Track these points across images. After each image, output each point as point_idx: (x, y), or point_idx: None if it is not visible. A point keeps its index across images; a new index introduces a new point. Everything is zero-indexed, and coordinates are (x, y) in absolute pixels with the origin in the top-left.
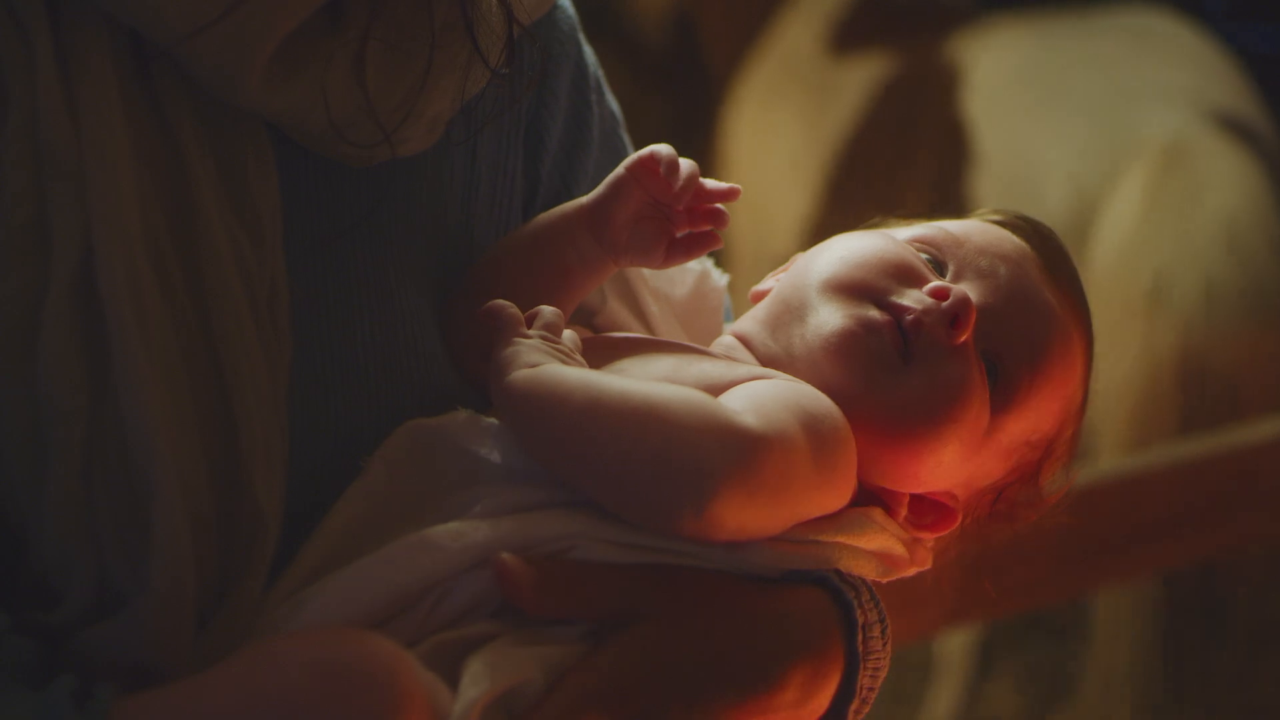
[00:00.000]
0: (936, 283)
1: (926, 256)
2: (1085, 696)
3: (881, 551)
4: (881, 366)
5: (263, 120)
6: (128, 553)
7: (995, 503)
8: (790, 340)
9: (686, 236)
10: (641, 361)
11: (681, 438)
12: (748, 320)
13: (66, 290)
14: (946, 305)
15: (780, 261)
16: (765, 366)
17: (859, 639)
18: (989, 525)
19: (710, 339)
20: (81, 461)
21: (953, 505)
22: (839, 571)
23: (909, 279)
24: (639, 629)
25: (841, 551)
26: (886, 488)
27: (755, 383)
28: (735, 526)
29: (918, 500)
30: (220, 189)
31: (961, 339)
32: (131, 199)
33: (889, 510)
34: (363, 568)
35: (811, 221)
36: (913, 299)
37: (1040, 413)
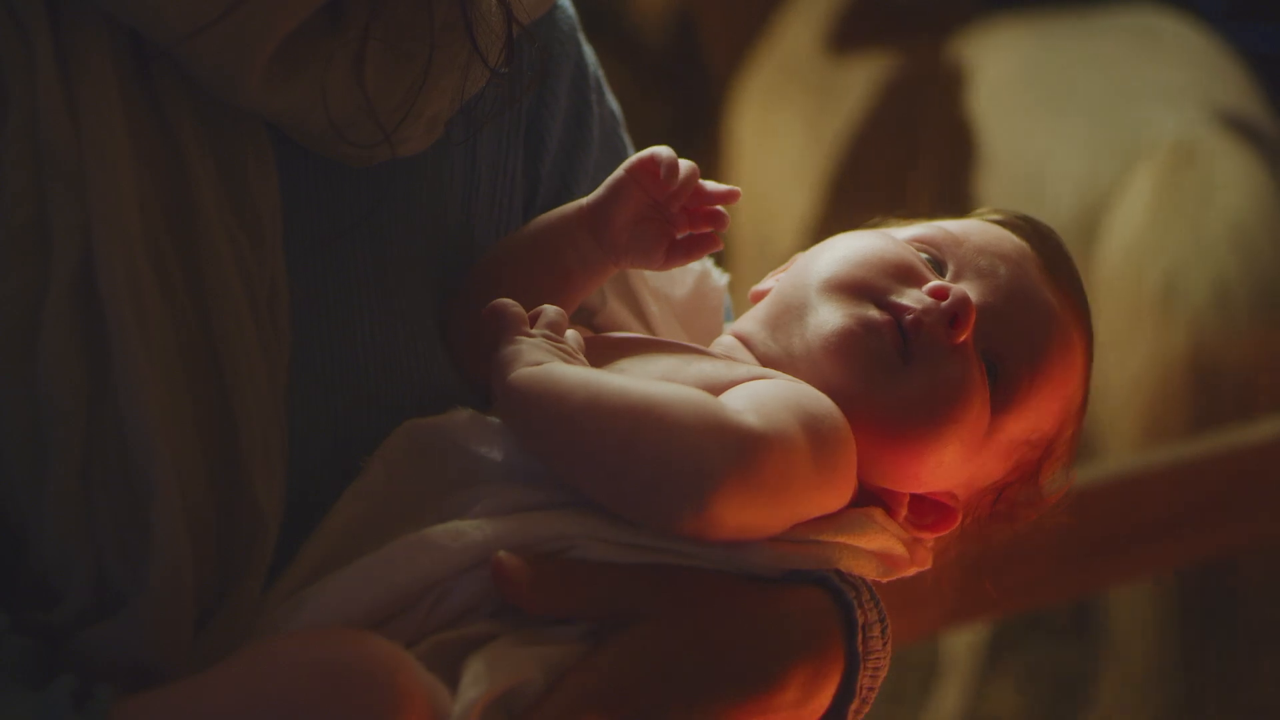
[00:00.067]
0: (936, 282)
1: (926, 256)
2: (1102, 699)
3: (882, 551)
4: (881, 366)
5: (263, 120)
6: (127, 552)
7: (995, 502)
8: (790, 340)
9: (687, 238)
10: (641, 361)
11: (681, 436)
12: (747, 320)
13: (66, 290)
14: (946, 305)
15: (783, 262)
16: (765, 366)
17: (859, 639)
18: (989, 525)
19: (710, 339)
20: (81, 461)
21: (953, 505)
22: (839, 571)
23: (909, 278)
24: (639, 629)
25: (842, 551)
26: (887, 488)
27: (755, 382)
28: (735, 525)
29: (918, 500)
30: (220, 189)
31: (961, 338)
32: (131, 199)
33: (889, 510)
34: (362, 567)
35: (814, 222)
36: (912, 298)
37: (1040, 412)
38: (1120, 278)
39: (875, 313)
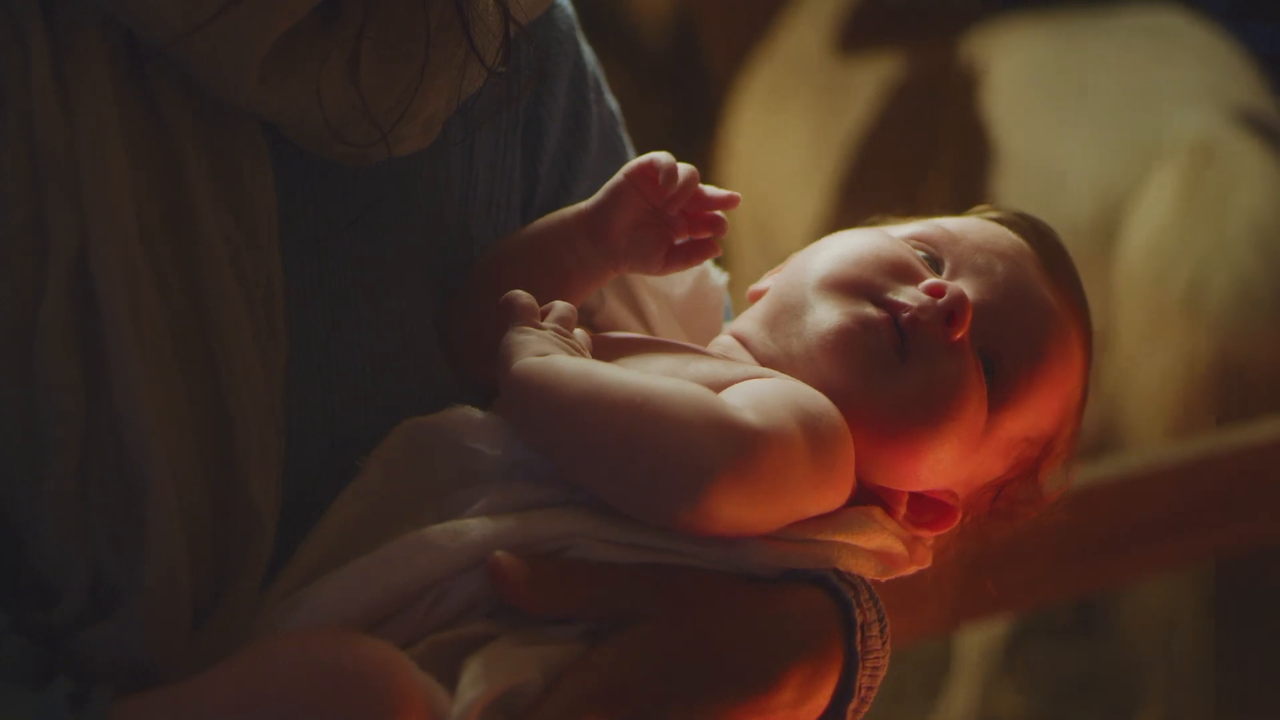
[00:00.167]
0: (932, 280)
1: (923, 254)
2: (1149, 702)
3: (881, 550)
4: (879, 364)
5: (259, 120)
6: (123, 551)
7: (995, 500)
8: (788, 339)
9: (686, 243)
10: (640, 361)
11: (680, 431)
12: (745, 320)
13: (63, 290)
14: (942, 302)
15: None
16: (763, 366)
17: (858, 638)
18: (989, 523)
19: (710, 338)
20: (78, 460)
21: (952, 503)
22: (838, 571)
23: (905, 276)
24: (638, 629)
25: (840, 550)
26: (886, 486)
27: (753, 381)
28: (731, 521)
29: (917, 498)
30: (216, 189)
31: (958, 336)
32: (127, 199)
33: (888, 509)
34: (360, 567)
35: (825, 223)
36: (909, 296)
37: (1039, 410)
38: (1143, 279)
39: (872, 310)
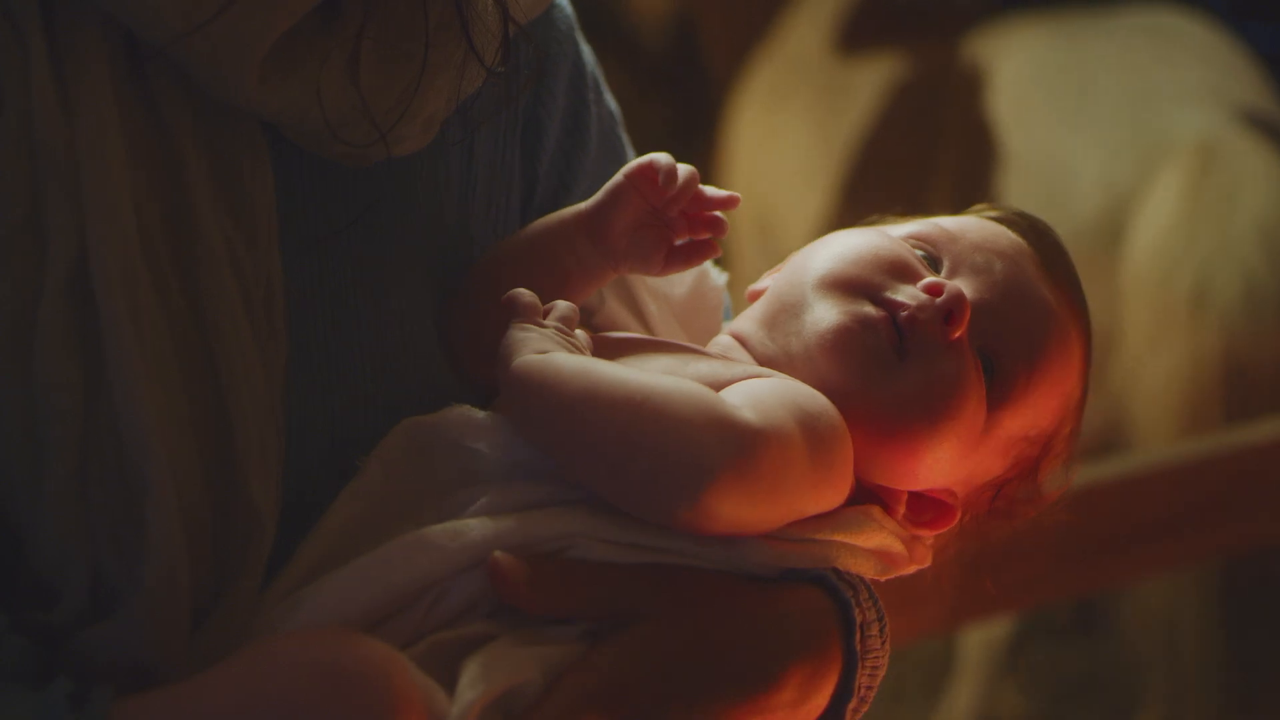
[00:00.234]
0: (931, 278)
1: (921, 253)
2: (1149, 702)
3: (880, 549)
4: (877, 362)
5: (259, 120)
6: (123, 551)
7: (994, 500)
8: (787, 338)
9: (686, 244)
10: (639, 361)
11: (679, 429)
12: (744, 320)
13: (62, 290)
14: (941, 301)
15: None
16: (763, 365)
17: (857, 638)
18: (988, 522)
19: (709, 339)
20: (77, 460)
21: (951, 502)
22: (837, 570)
23: (904, 275)
24: (638, 629)
25: (840, 550)
26: (885, 485)
27: (751, 380)
28: (730, 520)
29: (916, 498)
30: (215, 188)
31: (956, 335)
32: (126, 198)
33: (887, 508)
34: (359, 567)
35: (827, 223)
36: (907, 295)
37: (1038, 409)
38: (1149, 279)
39: (871, 309)
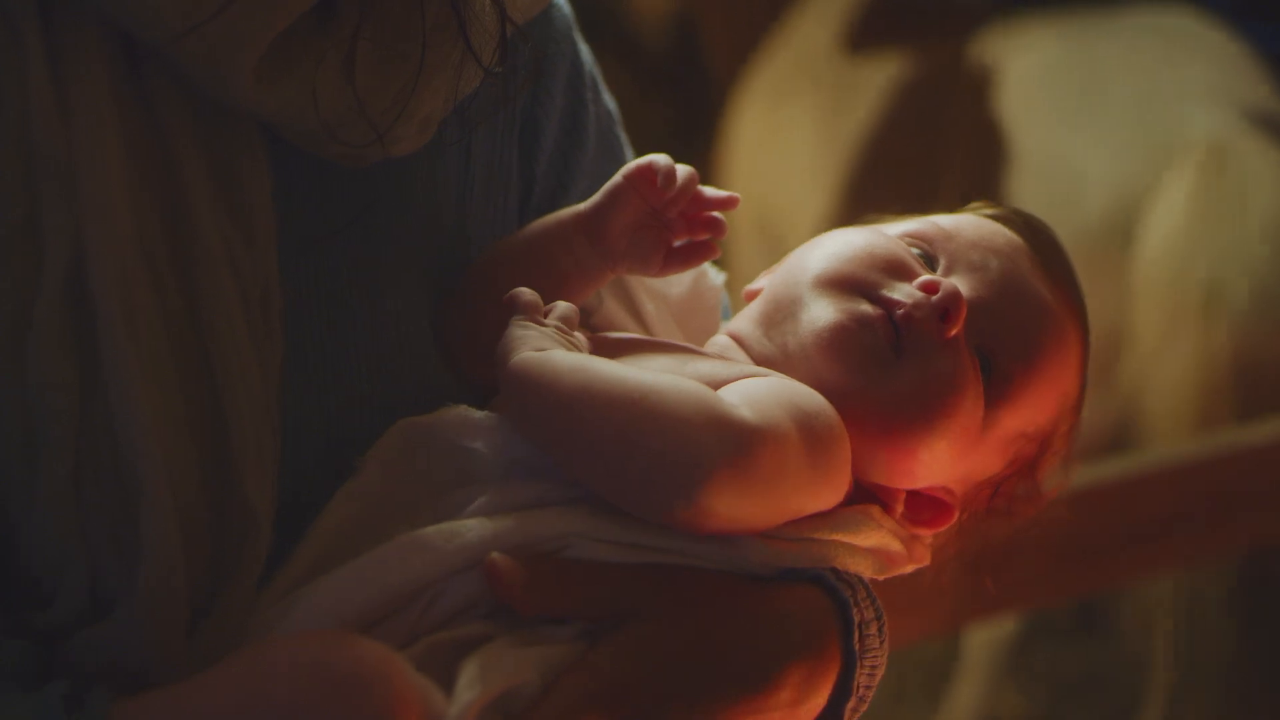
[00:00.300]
0: (927, 277)
1: (917, 251)
2: (1150, 702)
3: (878, 548)
4: (874, 360)
5: (256, 120)
6: (119, 551)
7: (993, 498)
8: (784, 337)
9: (685, 245)
10: (636, 361)
11: (676, 427)
12: (741, 319)
13: (58, 290)
14: (937, 299)
15: None
16: (760, 365)
17: (855, 637)
18: (988, 521)
19: (707, 338)
20: (73, 460)
21: (950, 501)
22: (835, 570)
23: (900, 273)
24: (636, 629)
25: (838, 549)
26: (883, 484)
27: (748, 380)
28: (728, 518)
29: (914, 496)
30: (212, 189)
31: (952, 333)
32: (123, 199)
33: (886, 507)
34: (356, 568)
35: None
36: (903, 293)
37: (1036, 406)
38: (1160, 278)
39: (867, 307)
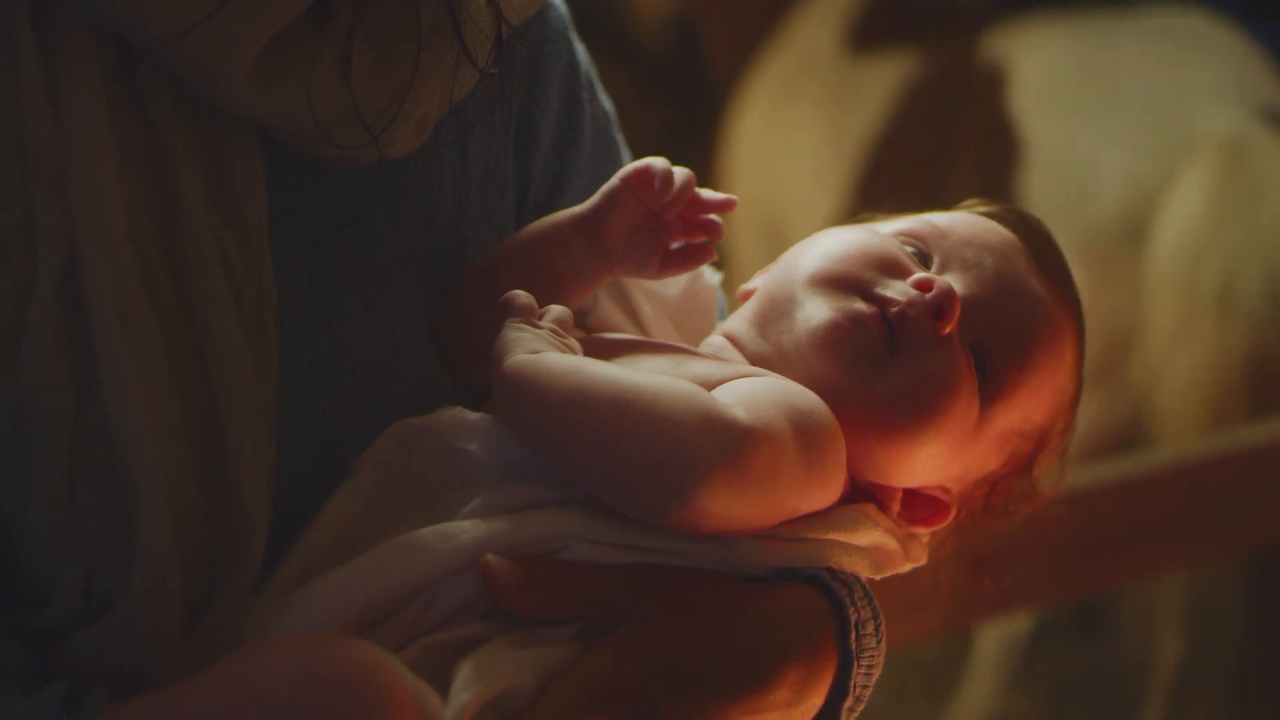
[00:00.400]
0: (920, 274)
1: (911, 249)
2: (1151, 702)
3: (875, 547)
4: (868, 359)
5: (250, 121)
6: (114, 552)
7: (990, 496)
8: (779, 337)
9: (682, 247)
10: (632, 362)
11: (670, 429)
12: (736, 319)
13: (52, 291)
14: (930, 297)
15: None
16: (755, 365)
17: (852, 637)
18: (984, 519)
19: (703, 339)
20: (68, 462)
21: (946, 499)
22: (831, 569)
23: (894, 271)
24: (632, 629)
25: (834, 548)
26: (879, 483)
27: (742, 380)
28: (722, 518)
29: (911, 495)
30: (206, 190)
31: (946, 330)
32: (117, 200)
33: (882, 506)
34: (352, 569)
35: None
36: (897, 291)
37: (1031, 403)
38: (1174, 276)
39: (861, 305)
